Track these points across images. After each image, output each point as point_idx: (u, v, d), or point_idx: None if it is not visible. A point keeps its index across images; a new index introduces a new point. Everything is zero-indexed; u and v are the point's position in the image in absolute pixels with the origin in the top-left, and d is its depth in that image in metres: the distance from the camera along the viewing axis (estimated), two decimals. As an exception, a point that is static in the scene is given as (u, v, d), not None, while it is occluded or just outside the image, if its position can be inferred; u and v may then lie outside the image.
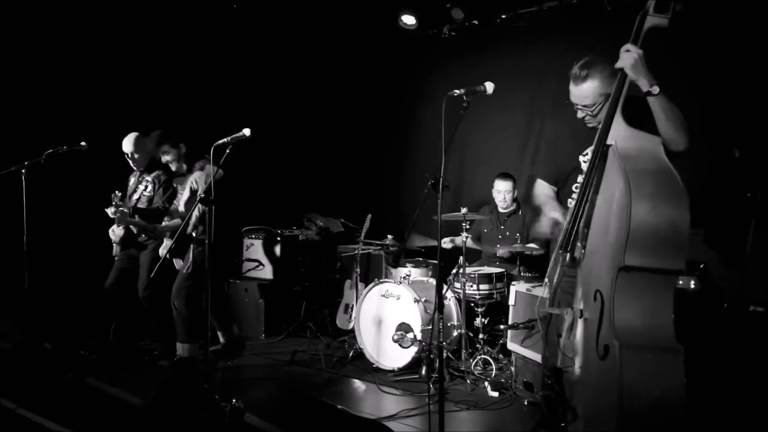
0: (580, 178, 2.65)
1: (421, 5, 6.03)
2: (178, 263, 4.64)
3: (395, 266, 4.14)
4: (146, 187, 4.73)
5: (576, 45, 5.15)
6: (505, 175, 5.12)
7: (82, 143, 4.50)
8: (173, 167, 4.66)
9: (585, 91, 2.58)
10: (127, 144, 4.68)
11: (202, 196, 3.42)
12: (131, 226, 4.57)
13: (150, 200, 4.74)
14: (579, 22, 5.33)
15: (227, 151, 3.48)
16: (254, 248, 5.99)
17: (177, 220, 4.51)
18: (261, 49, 6.45)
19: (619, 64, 2.36)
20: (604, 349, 2.19)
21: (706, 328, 3.51)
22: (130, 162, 4.76)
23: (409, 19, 6.13)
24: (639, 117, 2.40)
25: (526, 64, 5.76)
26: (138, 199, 4.72)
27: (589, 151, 2.54)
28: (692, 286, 3.71)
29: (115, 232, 4.70)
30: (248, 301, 5.79)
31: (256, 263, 5.91)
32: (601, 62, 2.59)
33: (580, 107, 2.64)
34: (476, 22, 6.03)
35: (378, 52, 6.78)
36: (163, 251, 4.54)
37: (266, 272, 5.90)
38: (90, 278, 4.94)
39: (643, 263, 2.14)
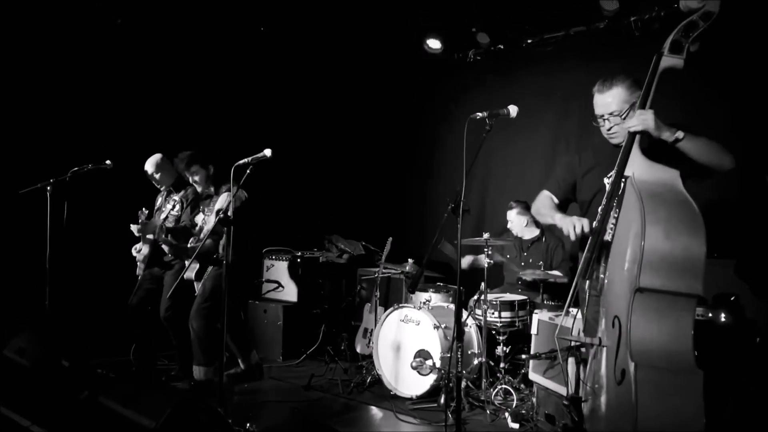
0: (604, 201, 2.62)
1: (446, 30, 6.04)
2: (198, 286, 4.62)
3: (413, 291, 4.07)
4: (174, 206, 4.72)
5: (602, 70, 5.03)
6: (510, 206, 5.05)
7: (107, 162, 4.54)
8: (199, 188, 4.62)
9: (611, 98, 2.61)
10: (148, 165, 4.73)
11: (221, 216, 3.39)
12: (164, 245, 4.51)
13: (177, 219, 4.73)
14: (605, 46, 5.28)
15: (248, 171, 3.47)
16: (274, 269, 5.97)
17: (209, 241, 4.40)
18: (286, 70, 6.49)
19: (637, 128, 2.40)
20: (621, 373, 2.18)
21: (736, 362, 3.38)
22: (153, 182, 4.80)
23: (434, 44, 6.15)
24: (655, 149, 2.44)
25: (551, 88, 5.71)
26: (165, 218, 4.70)
27: (613, 173, 2.50)
28: (722, 319, 3.58)
29: (140, 250, 4.71)
30: (267, 323, 5.74)
31: (276, 285, 5.88)
32: (623, 76, 2.63)
33: (606, 117, 2.64)
34: (502, 47, 6.01)
35: (402, 74, 6.79)
36: (190, 274, 4.50)
37: (286, 294, 5.87)
38: (112, 296, 4.95)
39: (658, 285, 2.16)
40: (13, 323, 4.56)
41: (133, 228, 4.66)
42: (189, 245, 4.50)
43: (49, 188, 4.37)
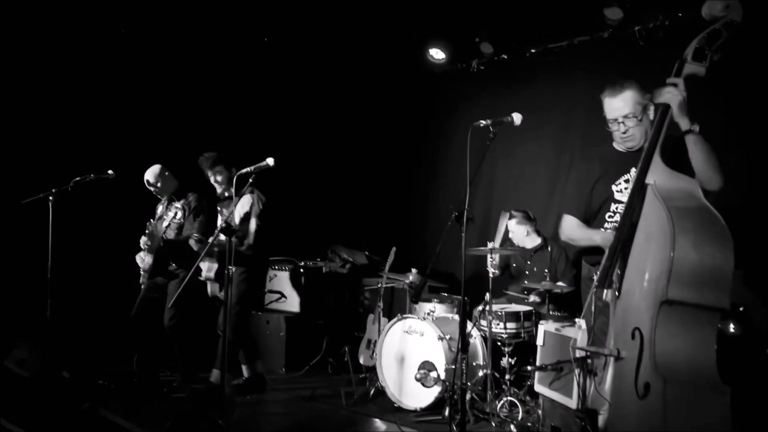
0: (612, 207, 2.61)
1: (450, 39, 6.02)
2: (214, 287, 4.61)
3: (416, 302, 4.03)
4: (176, 213, 4.68)
5: (606, 79, 5.04)
6: (510, 215, 5.02)
7: (110, 171, 4.54)
8: (219, 189, 4.64)
9: (623, 100, 2.61)
10: (149, 174, 4.73)
11: (224, 225, 3.37)
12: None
13: (180, 227, 4.70)
14: (609, 56, 5.25)
15: (250, 180, 3.45)
16: (277, 279, 5.93)
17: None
18: (289, 80, 6.48)
19: (664, 99, 2.35)
20: (645, 387, 2.12)
21: (746, 373, 3.33)
22: (154, 192, 4.78)
23: (437, 53, 6.13)
24: (675, 159, 2.41)
25: (555, 98, 5.68)
26: (167, 226, 4.66)
27: (622, 180, 2.49)
28: (731, 330, 3.53)
29: (144, 260, 4.68)
30: (269, 334, 5.70)
31: (279, 295, 5.84)
32: (632, 80, 2.65)
33: (621, 120, 2.63)
34: (505, 57, 6.00)
35: (406, 84, 6.78)
36: (209, 274, 4.54)
37: (288, 305, 5.83)
38: (115, 306, 4.92)
39: (686, 298, 2.11)
40: (15, 334, 4.55)
41: (142, 240, 4.65)
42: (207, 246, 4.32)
43: (51, 198, 4.36)
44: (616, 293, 2.37)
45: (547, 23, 5.45)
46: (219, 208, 4.68)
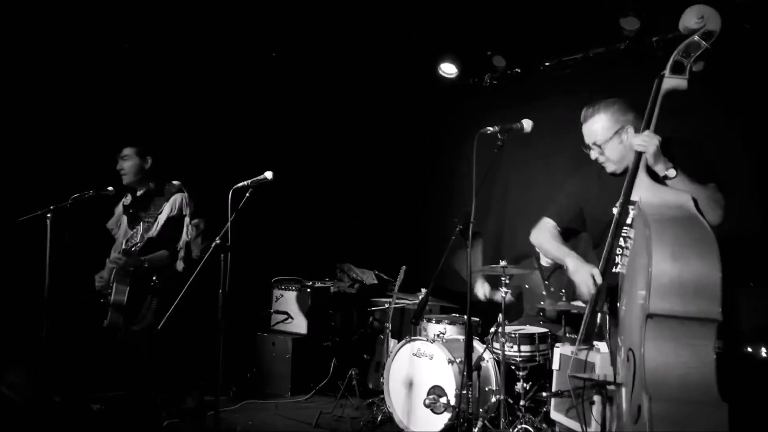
0: (611, 229, 2.48)
1: (461, 54, 5.90)
2: (115, 316, 4.05)
3: (416, 323, 3.83)
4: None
5: (623, 90, 4.87)
6: None
7: (110, 188, 4.41)
8: (125, 180, 4.08)
9: (595, 126, 2.63)
10: None
11: (218, 242, 3.21)
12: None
13: (186, 246, 4.57)
14: (626, 67, 5.08)
15: (247, 195, 3.30)
16: (284, 300, 5.77)
17: (164, 252, 3.90)
18: (297, 94, 6.39)
19: (639, 147, 2.35)
20: (637, 410, 2.02)
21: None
22: None
23: (448, 68, 5.99)
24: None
25: (571, 111, 5.46)
26: None
27: (621, 200, 2.37)
28: (763, 354, 3.31)
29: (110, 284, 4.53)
30: (275, 356, 5.51)
31: (285, 316, 5.67)
32: (610, 100, 2.64)
33: (593, 146, 2.65)
34: (518, 70, 5.85)
35: (418, 99, 6.66)
36: (119, 297, 3.92)
37: (295, 326, 5.65)
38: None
39: (669, 310, 2.03)
40: (8, 355, 4.42)
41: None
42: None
43: (49, 215, 4.24)
44: (623, 313, 2.31)
45: (561, 35, 5.30)
46: (126, 213, 4.11)
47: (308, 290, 5.71)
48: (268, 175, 3.32)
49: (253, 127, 6.16)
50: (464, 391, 2.92)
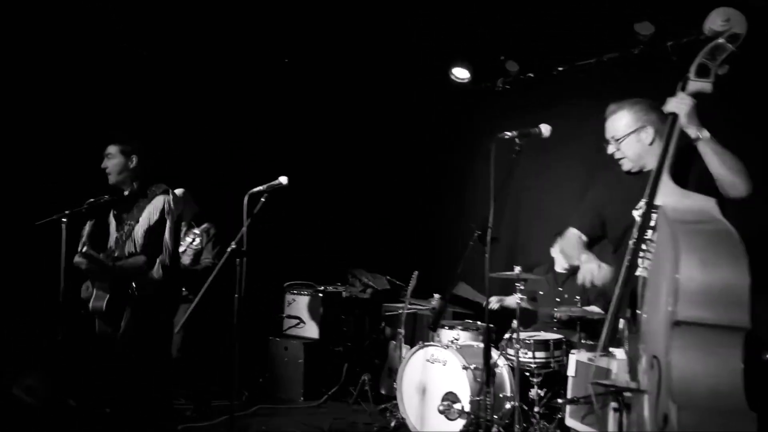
0: (635, 233, 2.44)
1: (474, 58, 5.88)
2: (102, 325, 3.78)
3: (434, 329, 3.82)
4: (194, 239, 4.57)
5: (639, 95, 4.86)
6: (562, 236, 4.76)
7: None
8: (111, 180, 3.81)
9: (613, 123, 2.60)
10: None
11: (234, 247, 3.21)
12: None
13: (197, 254, 4.57)
14: (640, 72, 5.05)
15: (262, 199, 3.31)
16: (296, 305, 5.76)
17: (141, 257, 3.56)
18: (310, 99, 6.40)
19: (670, 108, 2.29)
20: (664, 419, 1.96)
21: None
22: None
23: (461, 73, 5.98)
24: (684, 173, 2.35)
25: (585, 116, 5.46)
26: (184, 251, 4.55)
27: (643, 203, 2.33)
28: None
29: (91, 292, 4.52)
30: (287, 361, 5.51)
31: (297, 321, 5.66)
32: (635, 99, 2.60)
33: (611, 141, 2.62)
34: (531, 75, 5.83)
35: (430, 104, 6.65)
36: (97, 303, 3.60)
37: (307, 330, 5.64)
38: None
39: (698, 318, 1.96)
40: (24, 359, 4.44)
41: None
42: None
43: (64, 220, 4.25)
44: (643, 319, 2.24)
45: (575, 40, 5.27)
46: (114, 216, 3.88)
47: (320, 295, 5.71)
48: (283, 180, 3.33)
49: (266, 132, 6.19)
50: (481, 398, 2.90)
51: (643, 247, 2.29)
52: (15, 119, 4.86)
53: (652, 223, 2.27)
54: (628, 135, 2.53)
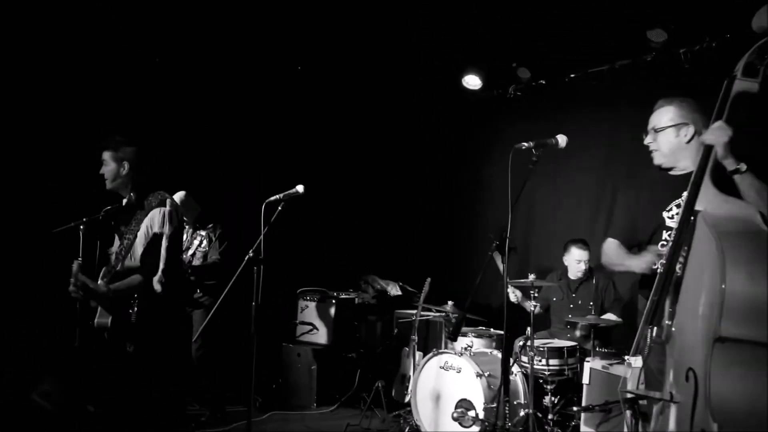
0: (665, 235, 2.45)
1: (485, 65, 5.90)
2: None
3: (454, 339, 3.82)
4: (201, 242, 4.62)
5: (650, 102, 4.85)
6: (583, 243, 4.77)
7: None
8: (108, 185, 3.68)
9: (658, 115, 2.57)
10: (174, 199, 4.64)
11: (251, 255, 3.24)
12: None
13: (205, 255, 4.63)
14: (653, 79, 5.05)
15: (279, 208, 3.33)
16: (309, 311, 5.77)
17: (137, 277, 3.38)
18: (322, 106, 6.43)
19: (709, 140, 2.24)
20: None
21: None
22: None
23: (472, 80, 6.00)
24: (728, 180, 2.26)
25: (597, 123, 5.49)
26: (193, 255, 4.60)
27: (674, 206, 2.33)
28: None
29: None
30: (300, 367, 5.52)
31: (310, 327, 5.68)
32: (683, 98, 2.56)
33: (650, 131, 2.59)
34: (543, 82, 5.84)
35: (443, 111, 6.68)
36: (101, 320, 3.51)
37: (320, 337, 5.65)
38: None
39: (742, 335, 1.90)
40: (42, 365, 4.48)
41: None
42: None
43: (81, 227, 4.30)
44: (672, 329, 2.17)
45: (587, 47, 5.27)
46: (113, 225, 3.79)
47: (333, 301, 5.72)
48: (300, 188, 3.35)
49: (281, 139, 6.21)
50: (499, 407, 2.91)
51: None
52: (33, 128, 4.91)
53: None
54: (668, 127, 2.50)
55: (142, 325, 3.34)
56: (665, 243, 2.59)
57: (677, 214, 2.52)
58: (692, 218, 2.15)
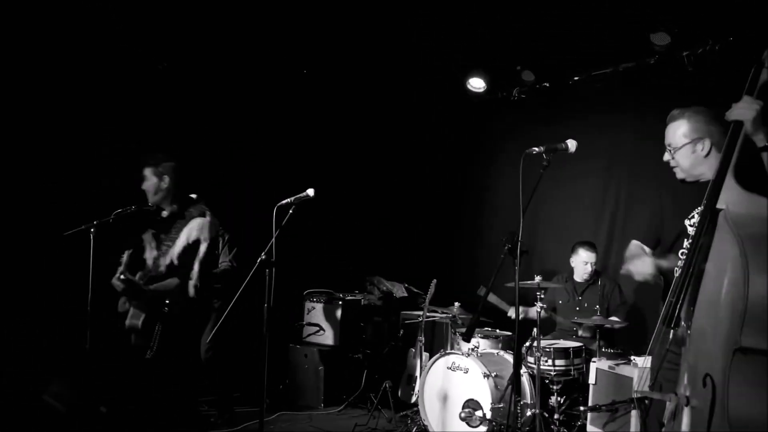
0: (686, 244, 2.42)
1: (489, 68, 5.94)
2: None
3: (468, 340, 3.87)
4: None
5: (654, 105, 4.90)
6: (590, 245, 4.82)
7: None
8: (150, 199, 3.93)
9: (672, 130, 2.48)
10: None
11: (263, 258, 3.28)
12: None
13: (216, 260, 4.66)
14: (657, 83, 5.09)
15: (290, 211, 3.38)
16: (315, 312, 5.82)
17: (174, 280, 3.68)
18: (329, 110, 6.47)
19: (735, 116, 2.13)
20: None
21: None
22: None
23: (476, 83, 6.04)
24: (754, 177, 2.13)
25: (600, 126, 5.53)
26: None
27: (696, 213, 2.30)
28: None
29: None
30: (307, 368, 5.57)
31: (317, 328, 5.72)
32: (698, 108, 2.46)
33: (668, 147, 2.51)
34: (547, 85, 5.87)
35: (448, 113, 6.72)
36: (134, 321, 3.70)
37: (327, 338, 5.70)
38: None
39: (764, 346, 1.83)
40: (54, 367, 4.52)
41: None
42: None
43: (92, 230, 4.34)
44: (688, 332, 2.11)
45: (591, 50, 5.31)
46: (149, 234, 3.93)
47: (339, 303, 5.77)
48: (310, 192, 3.38)
49: (287, 142, 6.25)
50: (503, 405, 2.95)
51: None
52: (45, 132, 4.95)
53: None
54: (683, 146, 2.45)
55: (172, 319, 3.60)
56: (686, 252, 2.55)
57: (699, 218, 2.48)
58: (714, 216, 2.04)
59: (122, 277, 3.52)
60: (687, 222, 2.43)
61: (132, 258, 3.71)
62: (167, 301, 3.62)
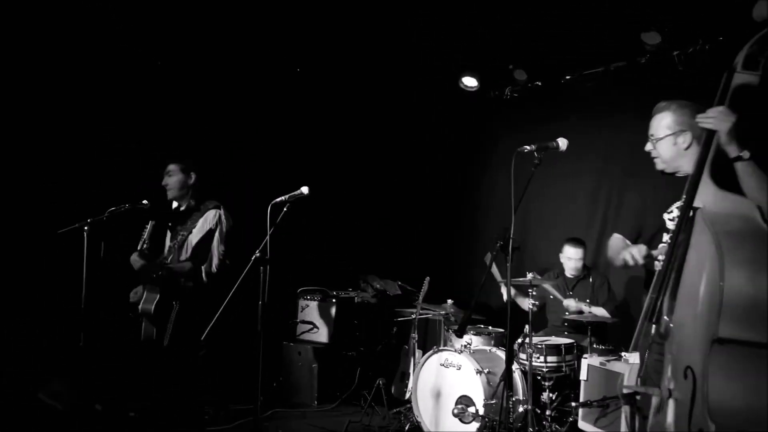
0: (665, 237, 2.48)
1: (482, 67, 5.97)
2: (148, 328, 4.07)
3: (461, 336, 3.90)
4: None
5: (646, 104, 4.93)
6: (576, 242, 4.86)
7: (145, 201, 4.51)
8: (169, 195, 4.15)
9: (656, 121, 2.51)
10: None
11: (258, 255, 3.31)
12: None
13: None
14: (648, 81, 5.13)
15: (285, 209, 3.40)
16: (309, 310, 5.85)
17: (187, 264, 3.94)
18: (323, 108, 6.48)
19: (711, 126, 2.19)
20: None
21: None
22: None
23: (469, 81, 6.07)
24: (729, 179, 2.21)
25: (593, 124, 5.57)
26: None
27: (674, 208, 2.35)
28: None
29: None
30: (301, 365, 5.59)
31: (311, 326, 5.75)
32: (684, 102, 2.48)
33: (650, 138, 2.55)
34: (539, 84, 5.91)
35: (442, 112, 6.75)
36: (146, 306, 3.92)
37: (320, 335, 5.73)
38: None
39: (740, 336, 1.89)
40: (49, 366, 4.52)
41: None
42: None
43: (86, 228, 4.34)
44: (671, 325, 2.18)
45: (583, 49, 5.35)
46: (170, 226, 4.18)
47: (333, 300, 5.79)
48: (305, 190, 3.42)
49: (281, 140, 6.25)
50: (495, 402, 2.98)
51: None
52: (38, 130, 4.95)
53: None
54: (666, 137, 2.48)
55: (188, 295, 3.84)
56: (665, 245, 2.63)
57: (678, 217, 2.55)
58: (691, 214, 2.12)
59: (139, 249, 3.76)
60: (666, 216, 2.48)
61: (154, 235, 3.94)
62: (182, 279, 3.84)
